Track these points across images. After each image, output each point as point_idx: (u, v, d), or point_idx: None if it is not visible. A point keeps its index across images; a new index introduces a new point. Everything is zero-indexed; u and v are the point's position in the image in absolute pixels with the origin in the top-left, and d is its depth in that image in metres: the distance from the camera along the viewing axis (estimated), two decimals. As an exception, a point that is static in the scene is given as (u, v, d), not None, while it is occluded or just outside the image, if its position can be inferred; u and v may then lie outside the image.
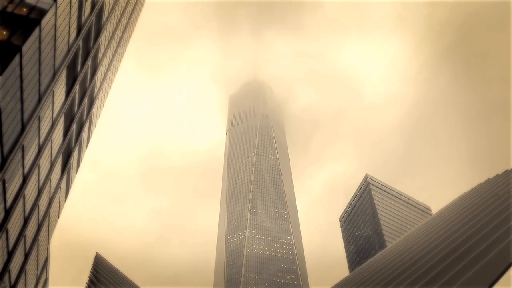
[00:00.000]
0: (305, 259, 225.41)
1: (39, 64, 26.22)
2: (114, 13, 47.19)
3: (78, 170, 54.46)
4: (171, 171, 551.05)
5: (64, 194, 49.14)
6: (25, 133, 26.13)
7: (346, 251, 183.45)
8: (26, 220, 32.60)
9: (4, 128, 23.06)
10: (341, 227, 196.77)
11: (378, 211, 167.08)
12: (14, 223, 29.33)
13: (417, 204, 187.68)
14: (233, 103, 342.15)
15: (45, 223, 40.49)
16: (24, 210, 31.15)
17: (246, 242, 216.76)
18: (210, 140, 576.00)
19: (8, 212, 27.35)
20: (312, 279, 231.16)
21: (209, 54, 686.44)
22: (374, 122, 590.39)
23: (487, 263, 35.17)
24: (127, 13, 57.79)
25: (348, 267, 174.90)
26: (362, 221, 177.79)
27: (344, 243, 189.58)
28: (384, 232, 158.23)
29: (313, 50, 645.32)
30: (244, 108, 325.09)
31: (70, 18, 30.59)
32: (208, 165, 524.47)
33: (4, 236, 27.69)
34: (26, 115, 26.10)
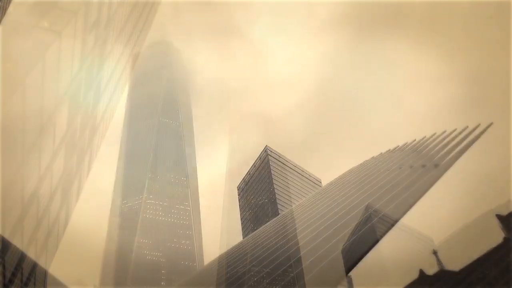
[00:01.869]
0: (202, 225, 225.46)
1: (41, 96, 26.34)
2: (117, 46, 47.87)
3: (77, 203, 54.07)
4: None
5: (63, 227, 48.59)
6: (24, 164, 25.99)
7: (241, 218, 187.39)
8: (23, 253, 32.06)
9: (3, 159, 22.94)
10: (238, 195, 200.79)
11: (274, 181, 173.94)
12: (11, 256, 28.85)
13: (309, 176, 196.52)
14: (137, 63, 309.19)
15: (43, 256, 39.88)
16: (21, 242, 30.68)
17: (142, 207, 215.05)
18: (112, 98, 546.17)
19: (5, 245, 26.91)
20: (207, 244, 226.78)
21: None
22: (279, 99, 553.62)
23: None
24: (130, 46, 58.66)
25: (242, 233, 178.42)
26: (258, 190, 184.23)
27: (240, 210, 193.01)
28: (277, 201, 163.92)
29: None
30: (148, 69, 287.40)
31: (73, 51, 30.94)
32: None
33: None
34: (26, 147, 26.02)
